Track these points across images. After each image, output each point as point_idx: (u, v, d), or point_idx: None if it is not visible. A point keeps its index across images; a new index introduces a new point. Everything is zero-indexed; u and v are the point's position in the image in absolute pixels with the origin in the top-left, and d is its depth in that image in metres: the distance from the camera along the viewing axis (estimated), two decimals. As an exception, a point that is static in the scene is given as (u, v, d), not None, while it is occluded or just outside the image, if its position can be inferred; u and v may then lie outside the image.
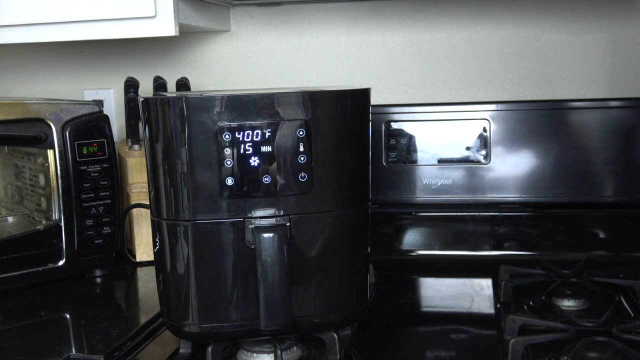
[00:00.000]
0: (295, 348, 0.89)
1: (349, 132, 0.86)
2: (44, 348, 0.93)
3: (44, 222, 1.23)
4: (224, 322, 0.85)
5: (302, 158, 0.83)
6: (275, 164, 0.82)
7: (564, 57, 1.35)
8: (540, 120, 1.26)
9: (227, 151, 0.81)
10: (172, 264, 0.85)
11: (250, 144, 0.81)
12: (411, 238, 1.33)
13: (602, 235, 1.28)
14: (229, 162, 0.81)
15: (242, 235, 0.81)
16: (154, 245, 0.87)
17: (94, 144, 1.20)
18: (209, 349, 0.86)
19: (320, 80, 1.44)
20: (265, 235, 0.79)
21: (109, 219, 1.23)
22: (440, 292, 1.19)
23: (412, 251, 1.32)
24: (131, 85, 1.33)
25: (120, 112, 1.49)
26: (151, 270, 0.97)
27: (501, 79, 1.38)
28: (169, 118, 0.82)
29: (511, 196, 1.28)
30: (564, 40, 1.35)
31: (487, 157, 1.28)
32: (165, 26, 1.11)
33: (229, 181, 0.81)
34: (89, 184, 1.20)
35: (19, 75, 1.59)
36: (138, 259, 1.31)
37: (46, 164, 1.19)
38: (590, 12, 1.33)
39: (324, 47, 1.44)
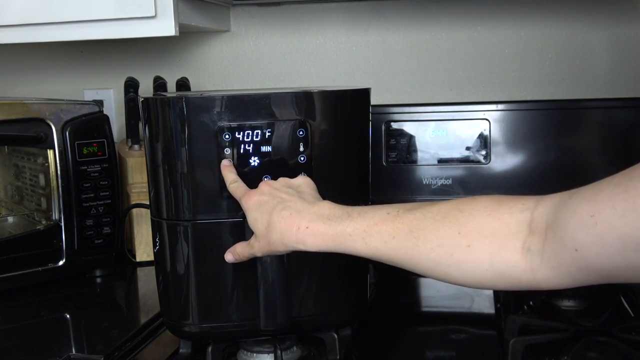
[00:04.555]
0: (295, 348, 0.89)
1: (349, 132, 0.86)
2: (44, 348, 0.93)
3: (44, 222, 1.23)
4: (224, 322, 0.85)
5: (302, 158, 0.83)
6: (275, 164, 0.82)
7: (564, 57, 1.35)
8: (540, 120, 1.26)
9: (227, 151, 0.81)
10: (172, 264, 0.85)
11: (250, 144, 0.81)
12: (411, 238, 1.32)
13: (602, 235, 1.27)
14: (229, 162, 0.81)
15: (242, 235, 0.81)
16: (154, 245, 0.87)
17: (94, 144, 1.20)
18: (209, 349, 0.86)
19: (320, 80, 1.44)
20: (265, 235, 0.79)
21: (109, 219, 1.23)
22: (440, 292, 1.19)
23: (412, 251, 1.32)
24: (131, 85, 1.33)
25: (120, 112, 1.49)
26: (151, 270, 0.97)
27: (501, 79, 1.38)
28: (169, 118, 0.82)
29: (511, 196, 1.28)
30: (564, 40, 1.35)
31: (487, 157, 1.28)
32: (165, 26, 1.11)
33: (229, 181, 0.81)
34: (89, 184, 1.20)
35: (19, 75, 1.59)
36: (138, 259, 1.31)
37: (46, 164, 1.19)
38: (590, 12, 1.33)
39: (324, 47, 1.44)
